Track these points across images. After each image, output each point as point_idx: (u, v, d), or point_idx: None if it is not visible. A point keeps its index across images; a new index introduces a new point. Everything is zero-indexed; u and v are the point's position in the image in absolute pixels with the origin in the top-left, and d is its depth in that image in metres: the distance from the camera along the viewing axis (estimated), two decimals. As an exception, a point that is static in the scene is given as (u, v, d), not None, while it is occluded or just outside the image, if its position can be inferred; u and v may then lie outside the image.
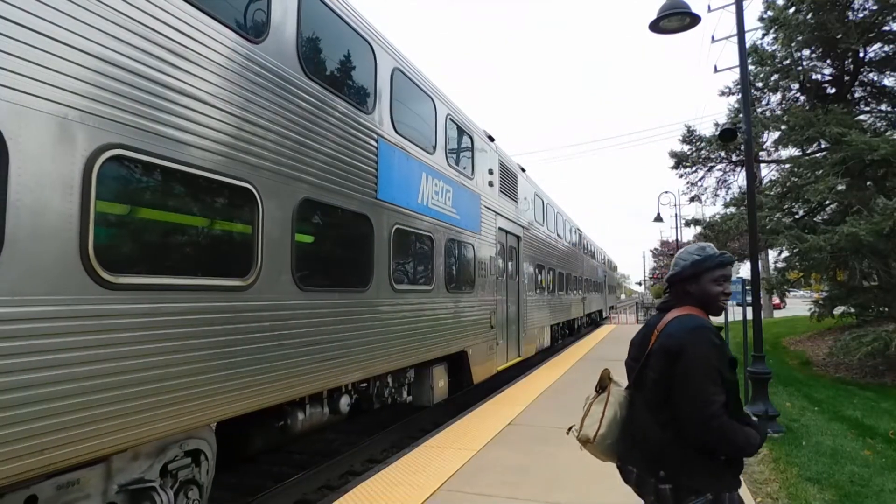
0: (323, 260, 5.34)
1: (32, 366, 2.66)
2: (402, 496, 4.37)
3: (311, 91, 4.85)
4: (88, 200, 2.93)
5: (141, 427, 3.19)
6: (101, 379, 2.98)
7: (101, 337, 3.00)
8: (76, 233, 2.87)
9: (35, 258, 2.70)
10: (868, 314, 12.49)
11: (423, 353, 6.95)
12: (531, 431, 6.35)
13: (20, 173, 2.62)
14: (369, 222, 5.77)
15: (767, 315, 27.47)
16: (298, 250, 4.63)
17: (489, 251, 9.52)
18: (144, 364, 3.22)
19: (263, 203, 4.18)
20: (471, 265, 8.73)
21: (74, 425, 2.85)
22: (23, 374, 2.62)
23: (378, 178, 5.96)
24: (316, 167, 4.88)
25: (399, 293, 6.32)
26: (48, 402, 2.72)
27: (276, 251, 4.35)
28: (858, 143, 10.58)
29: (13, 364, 2.58)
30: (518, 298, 11.47)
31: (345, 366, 5.25)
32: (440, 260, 7.49)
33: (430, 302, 7.17)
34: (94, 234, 2.96)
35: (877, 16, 12.54)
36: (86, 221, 2.92)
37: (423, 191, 7.11)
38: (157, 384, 3.30)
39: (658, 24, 6.95)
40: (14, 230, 2.59)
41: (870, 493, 4.61)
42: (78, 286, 2.88)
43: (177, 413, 3.42)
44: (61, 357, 2.79)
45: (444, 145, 7.88)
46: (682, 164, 18.29)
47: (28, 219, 2.66)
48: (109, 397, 3.02)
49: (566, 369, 11.21)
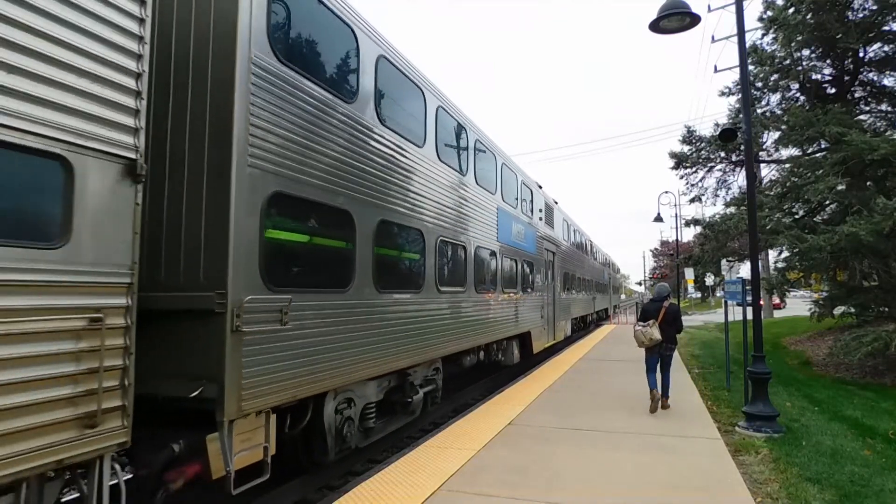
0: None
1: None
2: (402, 496, 4.37)
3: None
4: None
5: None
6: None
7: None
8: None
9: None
10: (868, 314, 12.48)
11: (508, 330, 10.73)
12: (531, 431, 6.35)
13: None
14: (493, 253, 9.92)
15: (767, 315, 27.48)
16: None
17: (541, 265, 13.74)
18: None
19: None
20: (533, 275, 12.84)
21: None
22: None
23: (498, 228, 10.18)
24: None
25: (504, 293, 10.39)
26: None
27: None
28: (858, 142, 10.58)
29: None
30: (554, 298, 15.26)
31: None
32: (521, 273, 11.69)
33: (516, 299, 11.21)
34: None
35: (876, 16, 12.54)
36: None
37: (513, 231, 11.27)
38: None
39: (658, 24, 6.96)
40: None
41: (870, 493, 4.61)
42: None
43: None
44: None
45: (520, 198, 12.01)
46: (682, 165, 18.28)
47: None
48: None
49: (566, 369, 11.22)
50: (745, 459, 5.47)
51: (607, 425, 6.64)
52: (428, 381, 7.50)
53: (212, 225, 3.84)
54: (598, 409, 7.55)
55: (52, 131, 2.70)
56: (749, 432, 6.40)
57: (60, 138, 2.74)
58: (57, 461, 2.70)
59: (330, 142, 5.00)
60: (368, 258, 5.58)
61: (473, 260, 8.75)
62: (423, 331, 6.83)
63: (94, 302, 2.90)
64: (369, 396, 6.05)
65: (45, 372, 2.67)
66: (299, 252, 4.90)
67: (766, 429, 6.38)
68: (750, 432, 6.39)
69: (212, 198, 3.86)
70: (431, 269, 7.16)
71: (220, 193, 3.82)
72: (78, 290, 2.84)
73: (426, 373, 7.42)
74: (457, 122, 8.44)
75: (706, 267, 17.17)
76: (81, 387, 2.82)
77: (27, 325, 2.60)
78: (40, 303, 2.66)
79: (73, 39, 2.82)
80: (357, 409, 5.79)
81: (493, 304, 9.70)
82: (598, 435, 6.23)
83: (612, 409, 7.55)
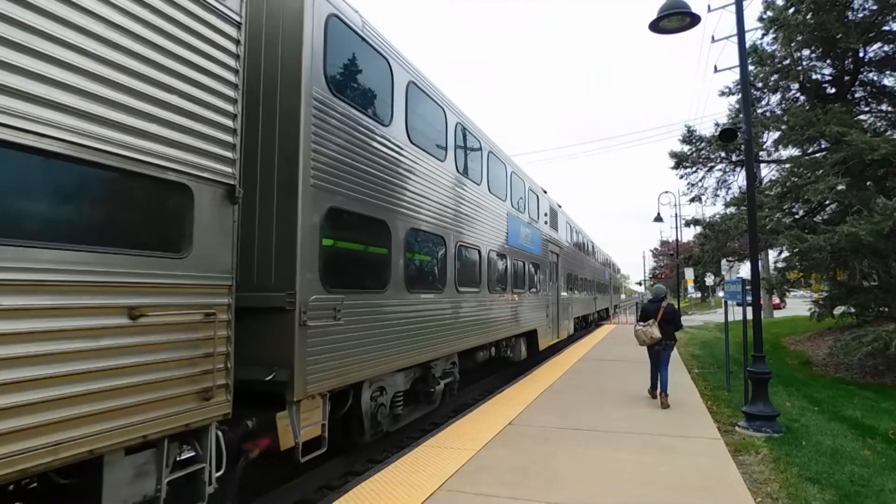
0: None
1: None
2: (402, 496, 4.37)
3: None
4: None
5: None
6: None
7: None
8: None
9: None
10: (868, 314, 12.47)
11: (517, 328, 11.50)
12: (531, 431, 6.36)
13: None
14: (504, 257, 10.71)
15: (767, 315, 27.48)
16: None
17: (546, 267, 14.53)
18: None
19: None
20: (539, 276, 13.63)
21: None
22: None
23: (508, 233, 10.95)
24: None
25: (513, 293, 11.12)
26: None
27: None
28: (858, 142, 10.57)
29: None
30: (557, 298, 15.93)
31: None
32: (528, 274, 12.50)
33: (524, 299, 12.01)
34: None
35: (877, 16, 12.53)
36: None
37: (521, 235, 12.04)
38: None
39: (658, 24, 6.96)
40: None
41: (870, 493, 4.61)
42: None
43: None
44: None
45: (527, 205, 12.82)
46: (682, 165, 18.25)
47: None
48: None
49: (565, 370, 11.22)
50: (745, 459, 5.47)
51: (607, 425, 6.64)
52: (446, 374, 8.16)
53: (282, 236, 4.56)
54: (598, 409, 7.56)
55: (182, 167, 3.50)
56: (749, 432, 6.40)
57: (187, 171, 3.53)
58: (185, 424, 3.48)
59: (372, 161, 5.76)
60: (401, 262, 6.32)
61: (487, 263, 9.53)
62: (445, 327, 7.60)
63: (207, 301, 3.66)
64: (398, 386, 6.76)
65: (179, 355, 3.43)
66: (348, 258, 5.67)
67: (766, 429, 6.38)
68: (750, 432, 6.39)
69: (282, 212, 4.57)
70: (451, 272, 7.90)
71: (289, 209, 4.56)
72: (197, 291, 3.59)
73: (445, 366, 8.13)
74: (473, 136, 9.20)
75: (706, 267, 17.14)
76: (199, 368, 3.58)
77: (166, 318, 3.35)
78: (174, 301, 3.42)
79: (202, 97, 3.70)
80: (388, 397, 6.51)
81: (504, 304, 10.57)
82: (598, 435, 6.23)
83: (612, 409, 7.55)
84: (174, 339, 3.38)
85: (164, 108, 3.37)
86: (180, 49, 3.51)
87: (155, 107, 3.32)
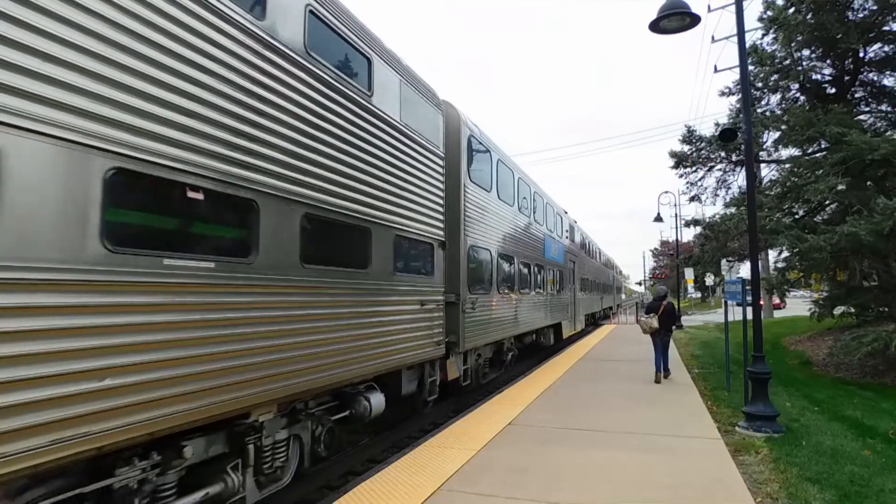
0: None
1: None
2: (402, 496, 4.37)
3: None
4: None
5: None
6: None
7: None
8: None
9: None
10: (868, 314, 12.48)
11: (549, 321, 15.09)
12: (531, 431, 6.36)
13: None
14: (535, 268, 13.78)
15: (767, 315, 27.48)
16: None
17: (567, 273, 18.27)
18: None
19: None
20: (563, 280, 17.35)
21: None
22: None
23: (545, 249, 14.80)
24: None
25: (547, 295, 14.80)
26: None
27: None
28: (858, 142, 10.57)
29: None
30: (574, 298, 19.51)
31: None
32: (557, 279, 16.35)
33: (552, 299, 15.43)
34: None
35: (877, 16, 12.53)
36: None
37: (552, 249, 15.77)
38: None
39: (658, 25, 6.95)
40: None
41: (870, 493, 4.60)
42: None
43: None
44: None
45: (556, 225, 16.68)
46: (682, 164, 18.23)
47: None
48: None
49: (565, 370, 11.22)
50: (744, 459, 5.47)
51: (607, 425, 6.64)
52: (509, 350, 11.76)
53: (453, 264, 8.21)
54: (598, 409, 7.56)
55: (429, 231, 7.39)
56: (749, 432, 6.40)
57: (433, 235, 7.49)
58: (430, 358, 7.41)
59: (484, 214, 9.60)
60: (495, 271, 10.10)
61: (535, 273, 13.53)
62: (513, 315, 11.36)
63: (439, 297, 7.67)
64: (486, 354, 10.25)
65: (430, 323, 7.32)
66: (477, 273, 9.26)
67: (766, 429, 6.38)
68: (750, 432, 6.39)
69: (453, 252, 8.21)
70: (517, 280, 11.78)
71: (458, 250, 8.35)
72: (437, 294, 7.60)
73: (508, 344, 11.67)
74: (525, 183, 12.91)
75: (706, 267, 17.14)
76: (436, 330, 7.48)
77: (430, 305, 7.28)
78: (431, 298, 7.40)
79: (434, 196, 7.61)
80: (482, 361, 10.05)
81: (542, 303, 14.18)
82: (599, 435, 6.23)
83: (612, 409, 7.55)
84: (430, 315, 7.28)
85: (427, 205, 7.28)
86: (432, 176, 7.52)
87: (426, 205, 7.26)
